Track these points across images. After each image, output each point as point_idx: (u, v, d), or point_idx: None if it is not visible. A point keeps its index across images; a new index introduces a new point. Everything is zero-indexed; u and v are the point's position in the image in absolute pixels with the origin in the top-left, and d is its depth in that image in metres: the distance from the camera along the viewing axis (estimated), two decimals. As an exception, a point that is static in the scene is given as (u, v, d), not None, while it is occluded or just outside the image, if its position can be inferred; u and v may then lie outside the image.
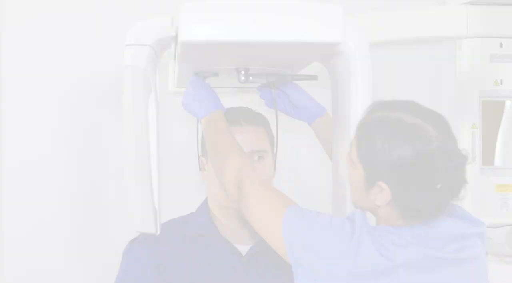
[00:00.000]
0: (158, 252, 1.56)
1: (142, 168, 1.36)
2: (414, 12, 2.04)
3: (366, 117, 1.25)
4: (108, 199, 2.10)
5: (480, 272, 1.24)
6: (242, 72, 1.48)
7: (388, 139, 1.18)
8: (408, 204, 1.20)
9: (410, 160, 1.16)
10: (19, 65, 2.06)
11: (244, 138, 1.55)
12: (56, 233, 2.07)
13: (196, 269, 1.55)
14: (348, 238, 1.17)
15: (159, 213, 1.41)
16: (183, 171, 2.14)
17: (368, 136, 1.21)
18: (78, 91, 2.08)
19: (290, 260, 1.23)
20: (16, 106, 2.06)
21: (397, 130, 1.18)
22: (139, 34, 1.31)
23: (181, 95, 2.02)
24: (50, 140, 2.07)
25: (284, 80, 1.58)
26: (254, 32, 1.21)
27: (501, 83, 2.03)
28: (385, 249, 1.16)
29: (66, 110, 2.08)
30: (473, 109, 2.03)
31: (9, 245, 2.06)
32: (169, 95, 2.05)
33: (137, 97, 1.33)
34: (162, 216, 1.44)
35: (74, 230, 2.08)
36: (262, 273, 1.57)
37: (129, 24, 1.33)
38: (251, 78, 1.51)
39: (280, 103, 1.65)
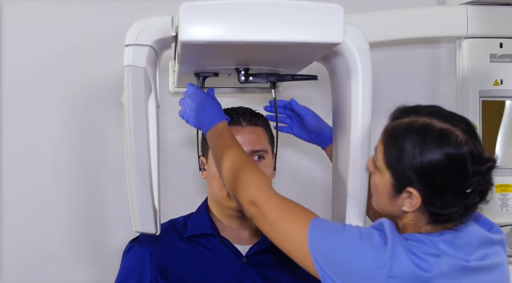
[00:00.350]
0: (158, 252, 1.56)
1: (142, 168, 1.36)
2: (414, 12, 2.04)
3: (392, 124, 1.25)
4: (108, 199, 2.10)
5: (504, 280, 1.24)
6: (242, 72, 1.48)
7: (417, 145, 1.18)
8: (438, 209, 1.19)
9: (441, 164, 1.16)
10: (19, 66, 2.06)
11: (244, 138, 1.55)
12: (56, 233, 2.07)
13: (196, 269, 1.55)
14: (381, 250, 1.16)
15: (159, 213, 1.41)
16: (183, 171, 2.14)
17: (396, 142, 1.21)
18: (78, 91, 2.08)
19: (318, 275, 1.20)
20: (16, 107, 2.06)
21: (427, 136, 1.18)
22: (139, 34, 1.31)
23: (181, 95, 2.02)
24: (50, 140, 2.07)
25: (284, 80, 1.58)
26: (254, 32, 1.20)
27: (501, 83, 2.04)
28: (419, 259, 1.15)
29: (66, 111, 2.07)
30: (473, 109, 2.03)
31: (8, 245, 2.06)
32: (169, 95, 2.06)
33: (137, 97, 1.33)
34: (162, 216, 1.44)
35: (74, 230, 2.08)
36: (262, 273, 1.57)
37: (129, 24, 1.33)
38: (251, 78, 1.51)
39: (295, 128, 1.65)
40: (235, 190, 1.33)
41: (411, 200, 1.20)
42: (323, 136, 1.61)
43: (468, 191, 1.17)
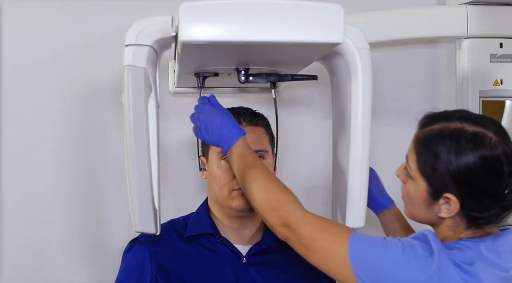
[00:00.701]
0: (158, 252, 1.56)
1: (142, 168, 1.36)
2: (414, 12, 2.03)
3: (422, 131, 1.25)
4: (108, 199, 2.09)
5: None
6: (242, 72, 1.48)
7: (452, 150, 1.18)
8: (476, 212, 1.20)
9: (477, 167, 1.17)
10: (19, 66, 2.06)
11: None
12: (56, 233, 2.07)
13: (196, 269, 1.55)
14: (427, 263, 1.14)
15: (159, 213, 1.41)
16: (183, 171, 2.14)
17: (430, 149, 1.21)
18: (78, 91, 2.07)
19: None
20: (16, 107, 2.06)
21: (461, 140, 1.18)
22: (139, 34, 1.31)
23: (181, 95, 2.02)
24: (50, 140, 2.07)
25: (284, 80, 1.58)
26: (254, 32, 1.20)
27: (501, 83, 2.04)
28: (464, 272, 1.14)
29: (66, 111, 2.07)
30: (473, 110, 2.03)
31: (8, 245, 2.06)
32: (169, 95, 2.06)
33: (137, 97, 1.33)
34: (162, 216, 1.44)
35: (74, 230, 2.08)
36: (262, 273, 1.57)
37: (129, 24, 1.33)
38: (251, 78, 1.51)
39: None
40: (265, 212, 1.30)
41: (448, 206, 1.20)
42: (376, 202, 1.60)
43: (506, 192, 1.18)
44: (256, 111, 1.64)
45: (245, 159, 1.36)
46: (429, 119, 1.26)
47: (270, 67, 1.51)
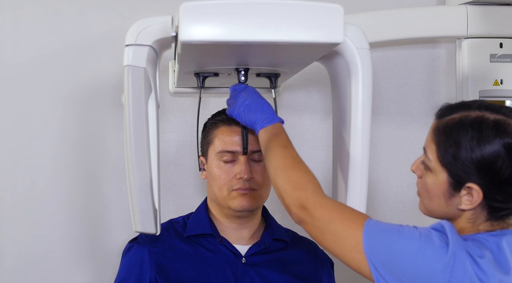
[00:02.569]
0: (157, 252, 1.56)
1: (142, 168, 1.36)
2: (414, 12, 2.04)
3: (441, 121, 1.23)
4: (108, 199, 2.09)
5: None
6: (242, 72, 1.48)
7: (475, 138, 1.17)
8: (499, 202, 1.18)
9: (501, 155, 1.15)
10: (19, 66, 2.06)
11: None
12: (55, 233, 2.07)
13: (195, 269, 1.55)
14: (442, 253, 1.13)
15: (159, 213, 1.41)
16: (183, 171, 2.14)
17: (451, 138, 1.19)
18: (77, 91, 2.07)
19: (373, 277, 1.17)
20: (16, 107, 2.06)
21: (483, 128, 1.17)
22: (139, 34, 1.31)
23: (181, 95, 2.02)
24: (50, 140, 2.07)
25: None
26: (254, 32, 1.20)
27: (501, 83, 2.04)
28: (478, 266, 1.12)
29: (65, 111, 2.07)
30: (473, 109, 2.03)
31: (8, 245, 2.06)
32: (169, 95, 2.06)
33: (137, 97, 1.33)
34: (162, 216, 1.44)
35: (74, 230, 2.08)
36: (261, 273, 1.57)
37: (129, 24, 1.33)
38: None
39: None
40: (284, 190, 1.29)
41: (471, 197, 1.19)
42: None
43: None
44: (256, 111, 1.63)
45: (280, 138, 1.37)
46: (447, 109, 1.24)
47: (270, 67, 1.51)
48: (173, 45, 1.38)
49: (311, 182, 1.28)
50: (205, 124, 1.65)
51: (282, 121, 1.42)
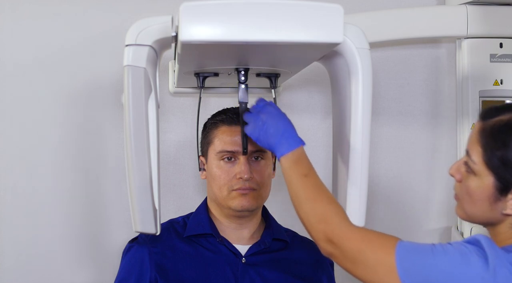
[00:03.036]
0: (157, 252, 1.56)
1: (142, 167, 1.36)
2: (414, 12, 2.04)
3: (487, 123, 1.20)
4: (108, 199, 2.10)
5: None
6: (242, 72, 1.48)
7: None
8: None
9: None
10: (19, 66, 2.06)
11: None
12: (55, 233, 2.07)
13: (195, 269, 1.55)
14: (481, 269, 1.09)
15: (159, 213, 1.41)
16: (183, 171, 2.14)
17: (499, 140, 1.16)
18: (77, 91, 2.08)
19: None
20: (16, 107, 2.06)
21: None
22: (139, 34, 1.31)
23: (181, 95, 2.02)
24: (50, 140, 2.07)
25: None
26: (254, 32, 1.20)
27: (501, 83, 2.04)
28: None
29: (65, 111, 2.08)
30: (473, 109, 2.03)
31: (8, 245, 2.06)
32: (169, 95, 2.06)
33: (137, 97, 1.33)
34: (162, 216, 1.44)
35: (74, 230, 2.08)
36: (261, 273, 1.57)
37: (129, 24, 1.33)
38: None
39: None
40: (310, 224, 1.26)
41: None
42: None
43: None
44: (256, 111, 1.63)
45: (300, 167, 1.31)
46: (493, 111, 1.21)
47: (270, 67, 1.51)
48: (173, 45, 1.38)
49: (335, 213, 1.24)
50: (205, 124, 1.65)
51: (303, 143, 1.34)
